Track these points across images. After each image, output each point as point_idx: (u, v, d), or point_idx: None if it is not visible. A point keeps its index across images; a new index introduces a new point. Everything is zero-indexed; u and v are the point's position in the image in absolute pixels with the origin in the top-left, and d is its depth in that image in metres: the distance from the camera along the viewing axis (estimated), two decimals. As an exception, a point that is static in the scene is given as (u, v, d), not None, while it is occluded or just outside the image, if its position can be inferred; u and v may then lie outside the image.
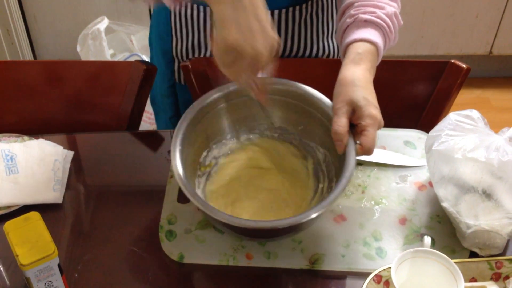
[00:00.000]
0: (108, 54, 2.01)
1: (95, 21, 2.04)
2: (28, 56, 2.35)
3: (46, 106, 1.14)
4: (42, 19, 2.33)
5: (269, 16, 0.74)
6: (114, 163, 1.04)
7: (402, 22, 0.95)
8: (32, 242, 0.74)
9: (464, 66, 1.11)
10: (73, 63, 1.16)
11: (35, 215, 0.77)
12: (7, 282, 0.83)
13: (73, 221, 0.92)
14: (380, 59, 0.91)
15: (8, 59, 2.23)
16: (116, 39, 2.13)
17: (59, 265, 0.76)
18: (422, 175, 0.99)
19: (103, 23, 2.02)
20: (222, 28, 0.70)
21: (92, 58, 2.03)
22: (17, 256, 0.73)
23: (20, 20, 2.26)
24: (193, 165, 0.88)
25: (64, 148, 1.01)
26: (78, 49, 2.07)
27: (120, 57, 2.11)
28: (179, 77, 1.21)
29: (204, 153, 0.92)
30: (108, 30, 2.10)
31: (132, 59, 2.09)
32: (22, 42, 2.29)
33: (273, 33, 0.74)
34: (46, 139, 1.02)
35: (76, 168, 1.01)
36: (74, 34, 2.17)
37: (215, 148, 0.93)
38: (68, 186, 0.97)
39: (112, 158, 1.05)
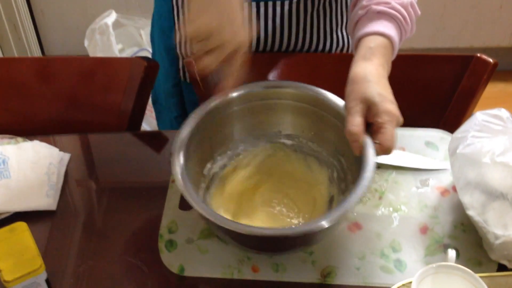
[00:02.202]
0: (116, 49, 1.96)
1: (102, 15, 1.99)
2: (36, 52, 2.31)
3: (41, 106, 1.09)
4: (50, 14, 2.29)
5: (245, 12, 0.80)
6: (113, 166, 0.98)
7: (419, 12, 0.88)
8: (17, 256, 0.69)
9: (491, 60, 1.03)
10: (69, 60, 1.10)
11: (21, 226, 0.72)
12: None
13: (67, 230, 0.86)
14: (395, 52, 0.84)
15: (16, 55, 2.20)
16: (124, 34, 2.08)
17: (47, 280, 0.71)
18: (445, 179, 0.91)
19: (111, 17, 1.97)
20: (195, 16, 0.74)
21: (100, 53, 1.99)
22: (1, 271, 0.67)
23: (27, 15, 2.23)
24: (196, 176, 0.82)
25: (60, 150, 0.96)
26: (86, 44, 2.02)
27: (128, 52, 2.06)
28: (185, 75, 1.15)
29: (209, 165, 0.86)
30: (116, 24, 2.06)
31: (141, 53, 2.04)
32: (30, 38, 2.26)
33: (243, 28, 0.76)
34: (41, 140, 0.96)
35: (72, 171, 0.95)
36: (82, 28, 2.13)
37: (220, 159, 0.87)
38: (63, 192, 0.91)
39: (111, 161, 0.99)
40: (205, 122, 0.81)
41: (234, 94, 0.84)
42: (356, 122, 0.74)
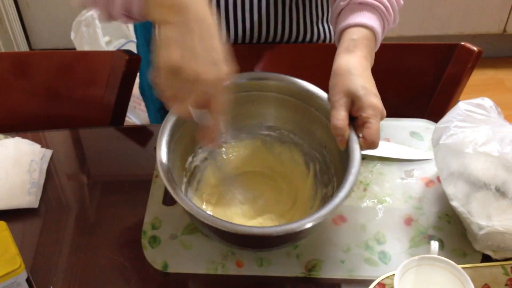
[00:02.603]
0: (102, 41, 1.93)
1: (88, 7, 1.96)
2: (23, 45, 2.28)
3: (22, 101, 1.07)
4: (36, 6, 2.25)
5: (225, 48, 0.66)
6: (97, 161, 0.97)
7: (402, 2, 0.87)
8: (-4, 256, 0.68)
9: (475, 48, 1.02)
10: (50, 54, 1.08)
11: (0, 225, 0.71)
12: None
13: (49, 227, 0.85)
14: (378, 44, 0.83)
15: (2, 49, 2.17)
16: (111, 26, 2.05)
17: (28, 280, 0.70)
18: (430, 170, 0.91)
19: (97, 9, 1.94)
20: (164, 49, 0.63)
21: (86, 45, 1.96)
22: (-21, 272, 0.66)
23: (12, 7, 2.19)
24: (179, 171, 0.81)
25: (42, 146, 0.94)
26: (72, 36, 2.00)
27: (116, 44, 2.04)
28: None
29: (190, 159, 0.84)
30: (103, 16, 2.02)
31: (128, 45, 2.02)
32: (16, 31, 2.23)
33: (223, 65, 0.65)
34: (23, 137, 0.95)
35: (55, 168, 0.94)
36: (68, 21, 2.10)
37: (201, 152, 0.86)
38: (45, 189, 0.90)
39: (95, 156, 0.98)
40: None
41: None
42: (340, 117, 0.74)
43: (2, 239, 0.69)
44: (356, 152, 0.74)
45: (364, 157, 0.93)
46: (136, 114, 1.86)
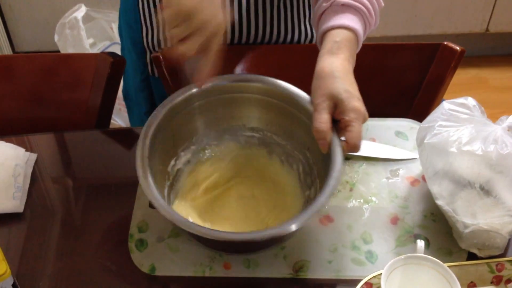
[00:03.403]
0: (87, 43, 1.92)
1: (72, 9, 1.95)
2: (6, 48, 2.26)
3: (6, 105, 1.06)
4: (18, 9, 2.23)
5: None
6: (82, 165, 0.96)
7: (383, 4, 0.88)
8: (-19, 262, 0.67)
9: (458, 48, 1.03)
10: (33, 57, 1.07)
11: (-15, 231, 0.70)
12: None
13: (34, 232, 0.85)
14: (360, 46, 0.84)
15: (-15, 52, 2.15)
16: (96, 27, 2.04)
17: (14, 285, 0.69)
18: (415, 169, 0.92)
19: (81, 11, 1.93)
20: None
21: (70, 48, 1.95)
22: (-36, 278, 0.66)
23: (-6, 10, 2.18)
24: (161, 175, 0.80)
25: (27, 150, 0.93)
26: (56, 39, 1.98)
27: (100, 46, 2.03)
28: (153, 70, 1.13)
29: (172, 162, 0.84)
30: (87, 18, 2.01)
31: (113, 48, 2.01)
32: (-2, 33, 2.21)
33: (222, 8, 0.74)
34: (7, 141, 0.94)
35: (40, 172, 0.93)
36: (52, 23, 2.09)
37: (183, 155, 0.86)
38: (30, 193, 0.89)
39: (80, 160, 0.97)
40: (168, 118, 0.80)
41: (199, 89, 0.83)
42: (323, 120, 0.74)
43: (-14, 245, 0.69)
44: (338, 156, 0.74)
45: (350, 158, 0.93)
46: (122, 116, 1.86)
